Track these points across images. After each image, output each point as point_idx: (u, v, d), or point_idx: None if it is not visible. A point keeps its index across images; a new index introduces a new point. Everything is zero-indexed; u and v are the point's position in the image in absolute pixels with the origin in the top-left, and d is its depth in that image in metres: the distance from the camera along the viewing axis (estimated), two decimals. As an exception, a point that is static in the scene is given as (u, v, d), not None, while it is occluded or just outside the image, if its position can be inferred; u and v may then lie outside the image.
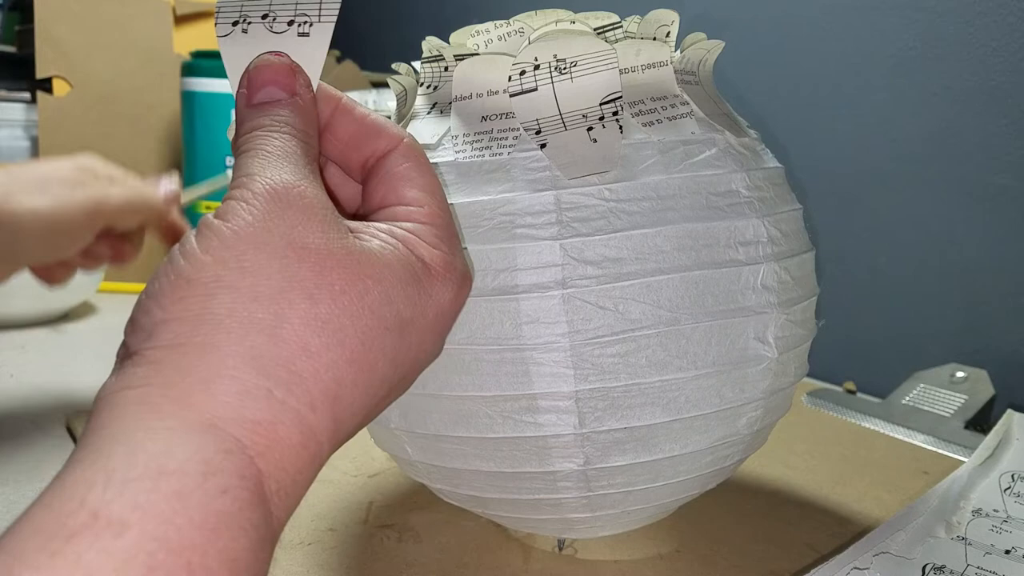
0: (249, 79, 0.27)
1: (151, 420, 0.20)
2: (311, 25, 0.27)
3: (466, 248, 0.31)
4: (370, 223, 0.26)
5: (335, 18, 0.27)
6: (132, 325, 0.23)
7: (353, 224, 0.26)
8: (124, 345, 0.23)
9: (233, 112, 0.28)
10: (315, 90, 0.28)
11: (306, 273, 0.23)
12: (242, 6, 0.27)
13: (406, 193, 0.27)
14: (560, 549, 0.40)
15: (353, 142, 0.28)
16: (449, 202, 0.32)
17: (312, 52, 0.27)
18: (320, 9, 0.27)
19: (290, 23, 0.27)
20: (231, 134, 0.28)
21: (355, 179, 0.30)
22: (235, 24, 0.27)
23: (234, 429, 0.20)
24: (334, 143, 0.29)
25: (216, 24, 0.28)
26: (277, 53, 0.27)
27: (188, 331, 0.21)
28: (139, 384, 0.21)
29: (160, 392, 0.20)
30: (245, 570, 0.19)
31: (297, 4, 0.27)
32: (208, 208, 0.92)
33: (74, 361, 0.71)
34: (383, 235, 0.26)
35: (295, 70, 0.27)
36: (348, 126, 0.28)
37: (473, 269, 0.31)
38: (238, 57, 0.27)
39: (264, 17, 0.27)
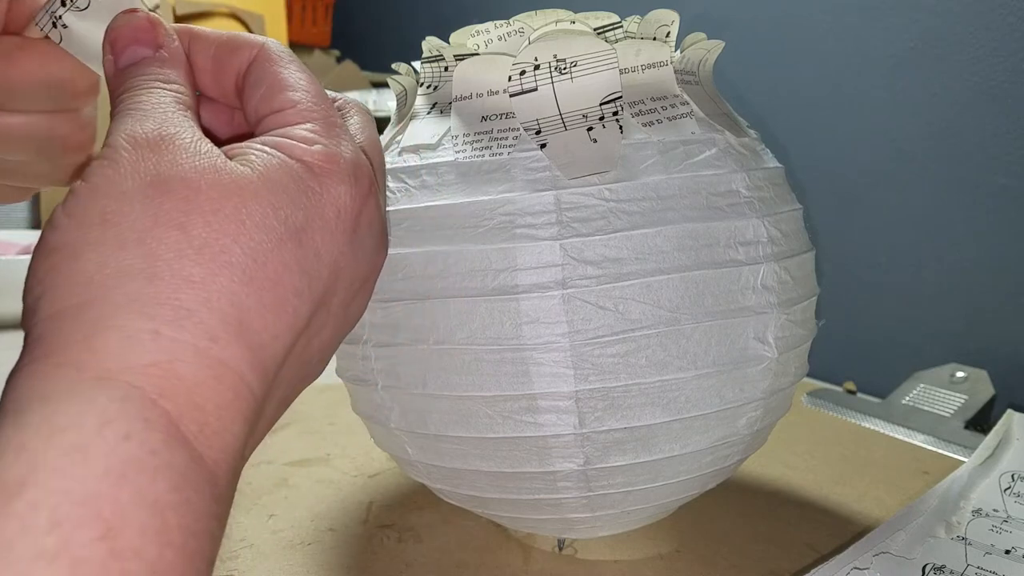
0: (111, 44, 0.26)
1: (42, 388, 0.19)
2: None
3: (463, 248, 0.31)
4: (245, 142, 0.25)
5: None
6: (23, 310, 0.22)
7: (227, 148, 0.25)
8: (24, 325, 0.22)
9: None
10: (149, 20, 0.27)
11: (171, 204, 0.22)
12: (47, 9, 0.28)
13: (274, 99, 0.26)
14: (560, 549, 0.40)
15: (218, 67, 0.27)
16: (449, 202, 0.32)
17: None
18: None
19: None
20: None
21: (235, 106, 0.29)
22: (55, 25, 0.27)
23: (127, 376, 0.20)
24: (201, 75, 0.28)
25: (45, 36, 0.28)
26: (131, 10, 0.27)
27: (63, 296, 0.21)
28: (28, 361, 0.20)
29: (47, 362, 0.20)
30: (171, 510, 0.18)
31: None
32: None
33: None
34: (256, 148, 0.24)
35: (155, 23, 0.27)
36: (206, 53, 0.27)
37: (466, 268, 0.31)
38: (79, 47, 0.28)
39: (64, 3, 0.27)
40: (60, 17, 0.27)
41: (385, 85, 0.95)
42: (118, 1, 0.27)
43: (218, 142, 0.24)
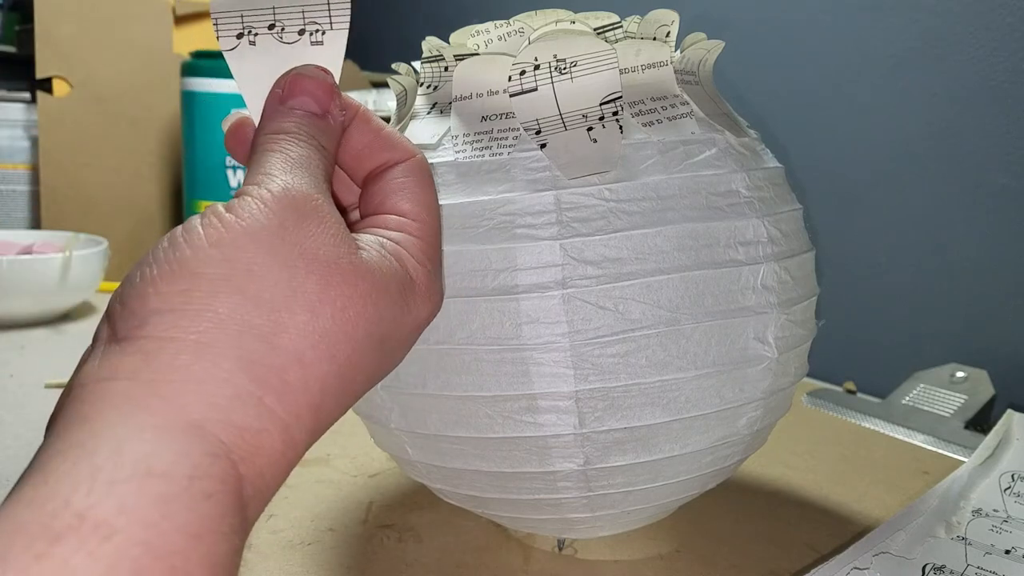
0: (289, 82, 0.27)
1: (138, 417, 0.19)
2: (323, 33, 0.27)
3: (464, 248, 0.31)
4: (363, 232, 0.26)
5: (348, 23, 0.27)
6: (122, 307, 0.22)
7: (354, 230, 0.26)
8: (109, 326, 0.22)
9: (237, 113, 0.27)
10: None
11: (312, 286, 0.23)
12: (242, 15, 0.26)
13: (402, 205, 0.27)
14: (560, 549, 0.40)
15: (366, 152, 0.28)
16: (449, 202, 0.32)
17: (327, 60, 0.27)
18: (330, 15, 0.26)
19: (301, 32, 0.26)
20: (227, 125, 0.28)
21: (357, 184, 0.30)
22: (240, 36, 0.26)
23: (221, 432, 0.20)
24: (347, 151, 0.28)
25: (218, 37, 0.26)
26: (324, 69, 0.27)
27: (185, 326, 0.21)
28: (127, 376, 0.20)
29: (149, 388, 0.20)
30: (224, 572, 0.19)
31: (304, 10, 0.26)
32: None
33: (74, 361, 0.71)
34: (377, 247, 0.26)
35: (335, 92, 0.27)
36: (363, 136, 0.28)
37: (466, 268, 0.31)
38: (250, 72, 0.27)
39: (271, 27, 0.26)
40: (255, 32, 0.27)
41: (385, 85, 0.95)
42: (319, 56, 0.27)
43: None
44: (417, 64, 0.36)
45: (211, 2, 0.27)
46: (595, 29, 0.35)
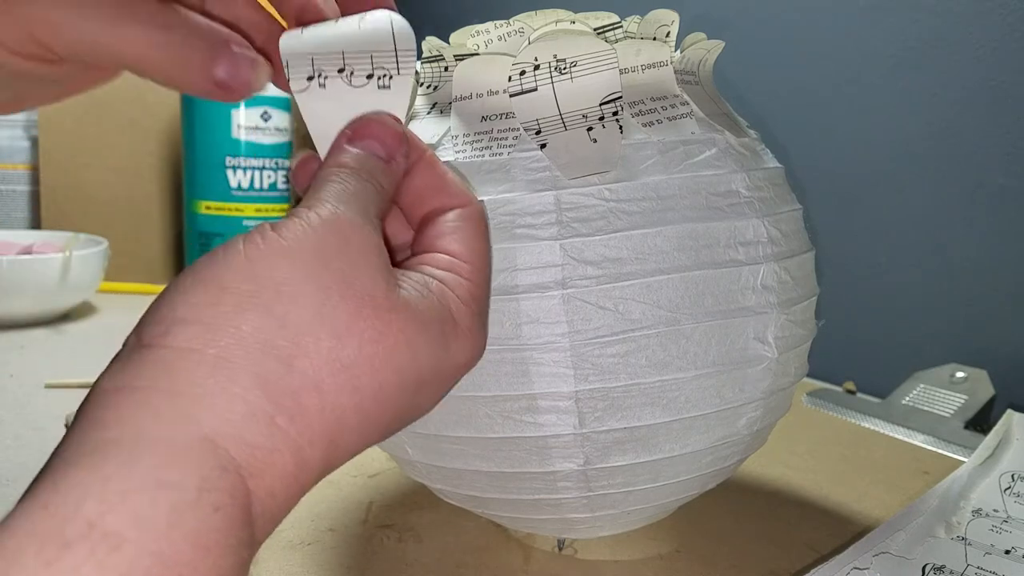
0: (359, 125, 0.27)
1: (152, 427, 0.20)
2: (391, 78, 0.27)
3: None
4: (409, 270, 0.26)
5: (414, 69, 0.27)
6: (152, 314, 0.22)
7: (396, 271, 0.26)
8: (137, 331, 0.22)
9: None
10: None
11: (342, 314, 0.23)
12: (313, 59, 0.27)
13: (453, 246, 0.27)
14: (560, 549, 0.40)
15: (426, 194, 0.28)
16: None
17: (393, 104, 0.27)
18: (398, 61, 0.27)
19: (369, 76, 0.27)
20: (295, 161, 0.28)
21: (412, 226, 0.29)
22: (310, 79, 0.27)
23: (232, 448, 0.20)
24: (407, 191, 0.28)
25: (289, 78, 0.27)
26: (395, 117, 0.27)
27: (208, 339, 0.21)
28: (145, 384, 0.20)
29: (166, 398, 0.20)
30: None
31: (373, 56, 0.27)
32: (208, 209, 0.92)
33: (74, 361, 0.71)
34: (420, 285, 0.25)
35: (403, 140, 0.27)
36: (425, 179, 0.28)
37: None
38: (319, 112, 0.27)
39: (341, 71, 0.27)
40: (325, 76, 0.27)
41: (385, 85, 0.94)
42: (385, 99, 0.27)
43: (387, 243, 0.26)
44: (417, 64, 0.36)
45: (281, 44, 0.27)
46: (595, 29, 0.35)
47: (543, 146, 0.32)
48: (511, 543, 0.41)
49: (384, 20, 0.27)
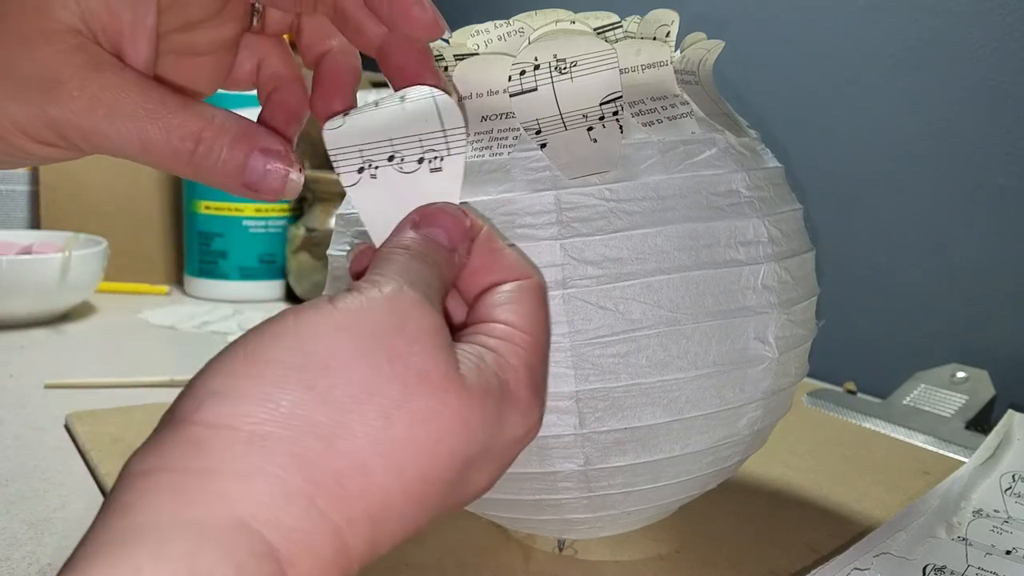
0: (425, 212, 0.26)
1: (183, 511, 0.19)
2: (442, 159, 0.26)
3: None
4: (465, 340, 0.25)
5: (464, 148, 0.27)
6: (190, 387, 0.21)
7: (461, 334, 0.25)
8: (172, 407, 0.21)
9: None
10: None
11: (393, 391, 0.21)
12: (361, 150, 0.26)
13: (510, 316, 0.26)
14: (560, 550, 0.40)
15: (483, 270, 0.27)
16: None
17: (448, 186, 0.27)
18: (447, 141, 0.26)
19: (420, 160, 0.26)
20: (353, 253, 0.28)
21: (468, 303, 0.28)
22: (361, 171, 0.26)
23: (268, 532, 0.19)
24: (465, 268, 0.27)
25: (339, 173, 0.26)
26: (462, 210, 0.27)
27: (243, 413, 0.20)
28: (175, 466, 0.19)
29: (197, 481, 0.19)
30: None
31: (422, 139, 0.26)
32: (207, 209, 0.92)
33: (74, 361, 0.71)
34: (476, 358, 0.24)
35: (467, 233, 0.27)
36: (483, 256, 0.27)
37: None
38: (373, 203, 0.27)
39: (391, 159, 0.26)
40: (375, 166, 0.26)
41: (385, 85, 0.95)
42: (438, 181, 0.27)
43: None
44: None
45: (327, 138, 0.26)
46: (595, 29, 0.35)
47: (543, 146, 0.32)
48: (511, 543, 0.41)
49: (427, 97, 0.26)
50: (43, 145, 0.26)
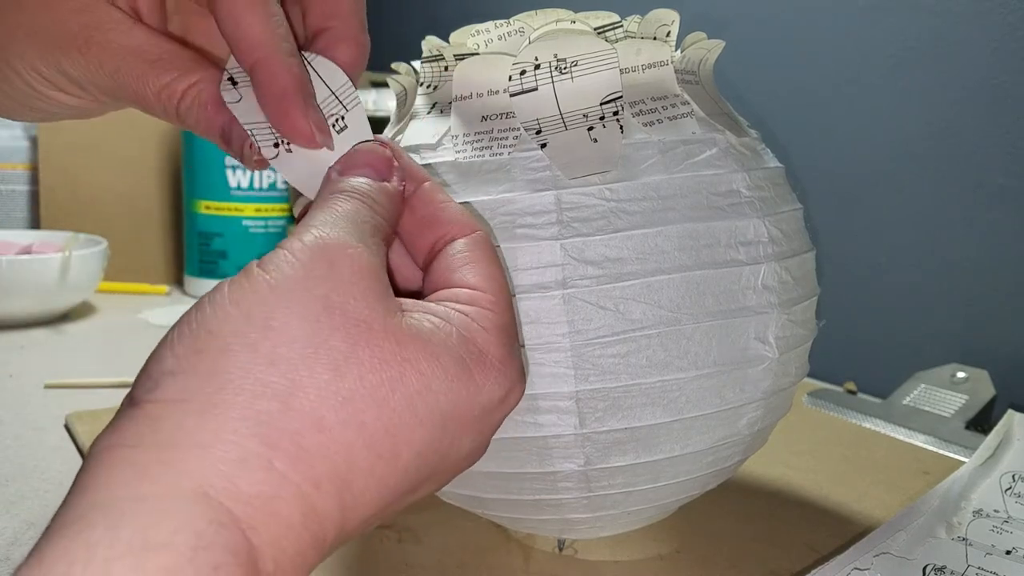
0: (347, 158, 0.27)
1: (139, 486, 0.18)
2: (344, 118, 0.27)
3: None
4: (427, 302, 0.25)
5: (359, 100, 0.27)
6: (143, 372, 0.21)
7: (407, 302, 0.24)
8: (131, 391, 0.21)
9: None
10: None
11: (337, 342, 0.21)
12: (268, 126, 0.27)
13: (470, 278, 0.26)
14: (560, 549, 0.40)
15: (426, 223, 0.27)
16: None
17: (357, 137, 0.27)
18: (340, 100, 0.27)
19: (332, 126, 0.27)
20: (299, 214, 0.28)
21: (418, 263, 0.28)
22: (276, 145, 0.27)
23: (227, 500, 0.19)
24: (407, 221, 0.27)
25: (260, 148, 0.27)
26: (383, 143, 0.27)
27: (195, 387, 0.20)
28: (132, 442, 0.19)
29: (153, 454, 0.19)
30: None
31: (322, 106, 0.27)
32: (207, 209, 0.92)
33: (74, 361, 0.71)
34: (437, 317, 0.24)
35: (393, 163, 0.27)
36: (425, 208, 0.27)
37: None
38: (298, 174, 0.27)
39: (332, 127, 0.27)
40: (287, 141, 0.27)
41: (385, 85, 0.95)
42: (349, 138, 0.27)
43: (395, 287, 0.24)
44: (417, 64, 0.36)
45: (234, 112, 0.27)
46: (595, 29, 0.35)
47: (543, 146, 0.32)
48: (511, 543, 0.41)
49: (304, 63, 0.27)
50: (66, 94, 0.29)
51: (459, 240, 0.27)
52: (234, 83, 0.27)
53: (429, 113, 0.35)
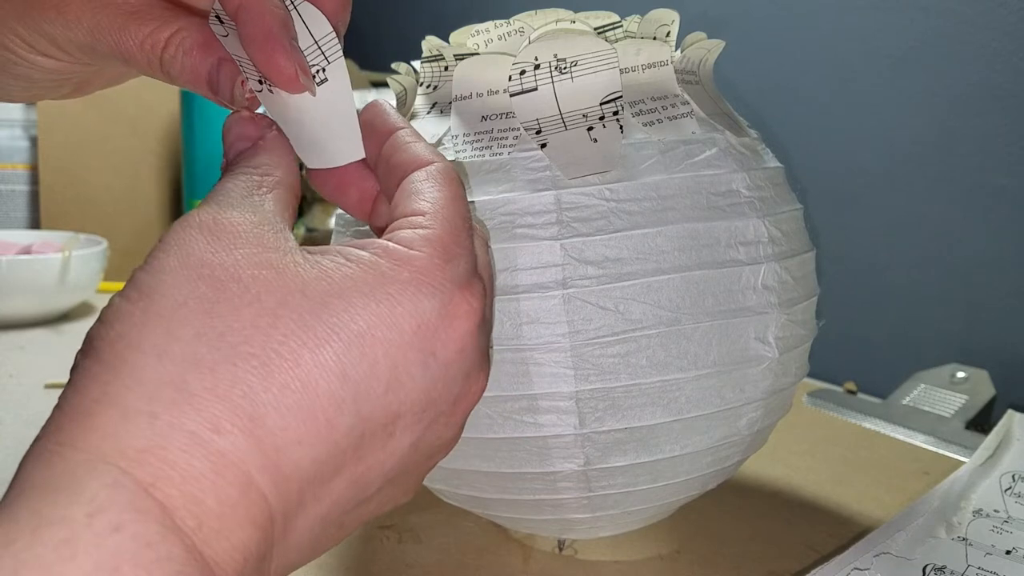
0: (225, 148, 0.27)
1: (39, 476, 0.18)
2: (325, 70, 0.27)
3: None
4: (349, 242, 0.24)
5: (341, 51, 0.27)
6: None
7: (321, 248, 0.23)
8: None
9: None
10: (359, 120, 0.27)
11: (204, 289, 0.20)
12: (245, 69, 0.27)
13: (411, 206, 0.24)
14: (560, 550, 0.40)
15: (392, 169, 0.26)
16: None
17: (338, 92, 0.27)
18: (323, 52, 0.27)
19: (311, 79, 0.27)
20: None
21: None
22: (261, 83, 0.27)
23: (119, 461, 0.18)
24: (382, 173, 0.27)
25: (247, 80, 0.27)
26: (249, 110, 0.27)
27: (86, 368, 0.20)
28: (38, 436, 0.19)
29: (50, 440, 0.19)
30: None
31: (305, 54, 0.27)
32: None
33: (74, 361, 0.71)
34: (341, 256, 0.22)
35: (254, 119, 0.27)
36: (393, 154, 0.27)
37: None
38: (280, 115, 0.27)
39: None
40: (270, 84, 0.27)
41: (385, 85, 0.95)
42: (329, 91, 0.27)
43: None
44: (417, 64, 0.36)
45: (232, 52, 0.27)
46: (595, 28, 0.35)
47: (543, 146, 0.32)
48: (511, 543, 0.41)
49: (289, 9, 0.27)
50: (46, 56, 0.28)
51: (412, 174, 0.26)
52: (220, 21, 0.27)
53: (429, 113, 0.35)
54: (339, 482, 0.21)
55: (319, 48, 0.27)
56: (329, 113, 0.27)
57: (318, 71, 0.27)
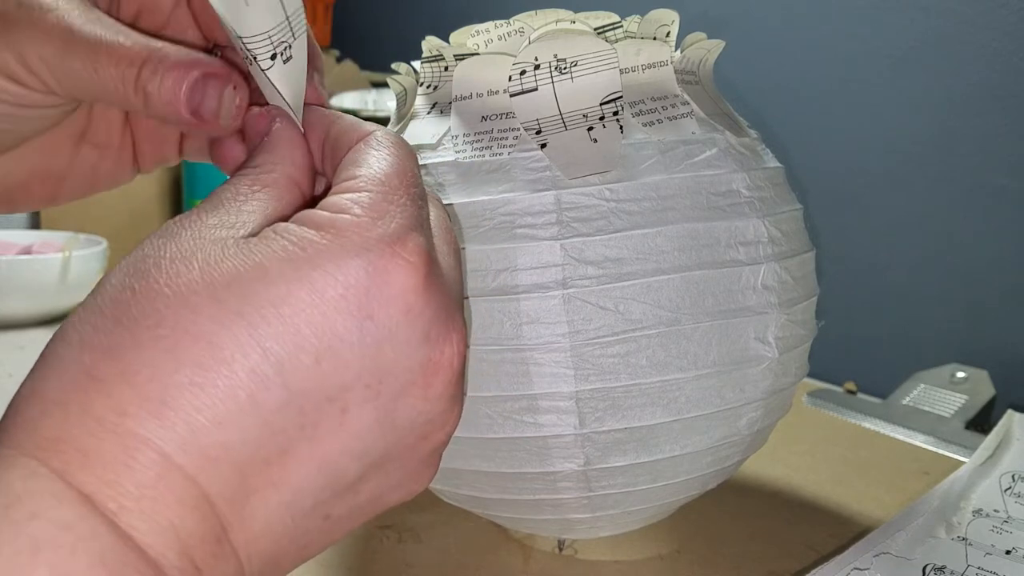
0: (247, 146, 0.27)
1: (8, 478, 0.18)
2: (291, 47, 0.26)
3: (464, 248, 0.31)
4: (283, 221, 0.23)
5: (306, 27, 0.26)
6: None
7: (266, 230, 0.22)
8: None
9: None
10: (301, 111, 0.26)
11: (132, 281, 0.20)
12: (243, 43, 0.26)
13: (344, 173, 0.23)
14: (560, 549, 0.40)
15: (341, 145, 0.25)
16: (449, 202, 0.32)
17: (297, 68, 0.26)
18: (292, 28, 0.26)
19: (272, 57, 0.26)
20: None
21: None
22: (275, 57, 0.26)
23: (35, 452, 0.18)
24: (331, 155, 0.26)
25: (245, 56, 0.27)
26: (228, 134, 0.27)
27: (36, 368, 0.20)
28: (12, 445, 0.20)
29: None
30: None
31: (271, 35, 0.26)
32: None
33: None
34: (279, 225, 0.22)
35: (264, 113, 0.26)
36: (342, 135, 0.26)
37: (466, 268, 0.31)
38: (280, 79, 0.27)
39: (273, 57, 0.26)
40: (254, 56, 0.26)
41: (385, 85, 0.95)
42: (289, 70, 0.26)
43: None
44: (417, 64, 0.36)
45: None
46: (595, 29, 0.35)
47: (543, 146, 0.32)
48: (511, 543, 0.41)
49: None
50: (13, 82, 0.26)
51: (351, 148, 0.25)
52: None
53: (429, 113, 0.35)
54: (294, 465, 0.20)
55: (289, 25, 0.26)
56: (287, 89, 0.26)
57: (285, 48, 0.26)
